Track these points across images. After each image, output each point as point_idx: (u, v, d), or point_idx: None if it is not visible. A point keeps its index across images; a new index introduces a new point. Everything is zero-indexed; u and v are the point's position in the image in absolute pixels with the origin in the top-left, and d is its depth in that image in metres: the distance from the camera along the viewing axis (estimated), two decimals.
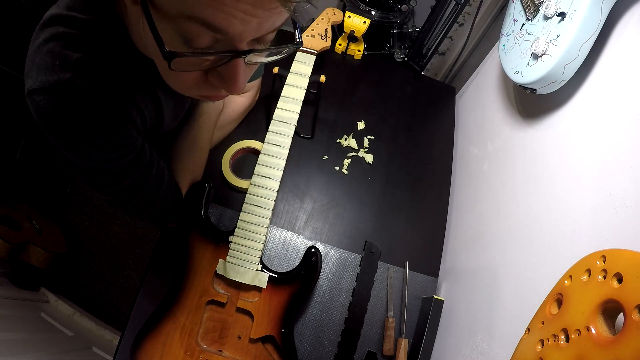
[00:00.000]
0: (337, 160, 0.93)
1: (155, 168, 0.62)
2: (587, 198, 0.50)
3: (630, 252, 0.34)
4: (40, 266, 1.51)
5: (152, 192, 0.63)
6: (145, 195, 0.62)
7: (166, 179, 0.65)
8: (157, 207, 0.65)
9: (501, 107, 0.83)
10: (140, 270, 1.75)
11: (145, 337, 0.67)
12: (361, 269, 0.79)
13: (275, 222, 0.84)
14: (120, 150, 0.53)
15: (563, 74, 0.55)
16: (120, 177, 0.56)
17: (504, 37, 0.72)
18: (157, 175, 0.62)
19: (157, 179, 0.63)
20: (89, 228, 1.82)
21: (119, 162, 0.54)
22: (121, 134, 0.52)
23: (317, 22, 0.92)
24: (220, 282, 0.70)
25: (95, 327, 1.56)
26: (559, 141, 0.60)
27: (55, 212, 1.80)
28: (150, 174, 0.61)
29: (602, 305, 0.35)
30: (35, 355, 1.09)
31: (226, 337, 0.69)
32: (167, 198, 0.67)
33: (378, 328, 0.78)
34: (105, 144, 0.50)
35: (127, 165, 0.55)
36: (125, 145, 0.53)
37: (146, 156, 0.59)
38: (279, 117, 0.75)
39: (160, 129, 0.64)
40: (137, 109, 0.54)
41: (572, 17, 0.52)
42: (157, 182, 0.63)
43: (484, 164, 0.85)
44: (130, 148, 0.54)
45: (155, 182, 0.62)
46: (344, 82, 1.07)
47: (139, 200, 0.62)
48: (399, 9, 1.71)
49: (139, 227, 1.84)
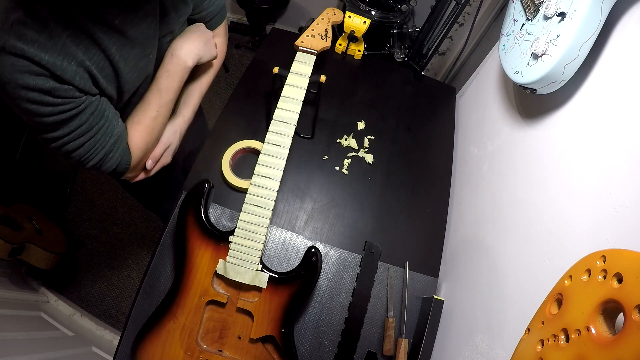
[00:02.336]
0: (337, 160, 0.93)
1: (103, 125, 0.62)
2: (587, 198, 0.50)
3: (630, 252, 0.34)
4: (40, 266, 1.51)
5: (98, 146, 0.63)
6: (89, 149, 0.62)
7: (115, 134, 0.64)
8: (100, 158, 0.65)
9: (501, 107, 0.83)
10: (140, 270, 1.75)
11: (145, 337, 0.67)
12: (361, 269, 0.79)
13: (276, 222, 0.84)
14: (58, 106, 0.55)
15: (563, 74, 0.55)
16: (62, 130, 0.58)
17: (504, 37, 0.72)
18: (106, 131, 0.63)
19: (106, 135, 0.63)
20: (89, 228, 1.82)
21: (57, 117, 0.56)
22: (56, 94, 0.54)
23: (317, 22, 0.92)
24: (221, 282, 0.70)
25: (95, 327, 1.56)
26: (559, 141, 0.60)
27: (55, 212, 1.80)
28: (99, 130, 0.62)
29: (602, 305, 0.35)
30: (35, 355, 1.09)
31: (226, 337, 0.69)
32: (111, 152, 0.66)
33: (378, 328, 0.78)
34: (41, 102, 0.53)
35: (66, 120, 0.57)
36: (64, 103, 0.55)
37: (94, 112, 0.60)
38: (279, 117, 0.75)
39: (121, 84, 0.63)
40: (79, 67, 0.55)
41: (572, 17, 0.52)
42: (105, 139, 0.63)
43: (484, 164, 0.85)
44: (70, 106, 0.56)
45: (104, 139, 0.63)
46: (344, 82, 1.07)
47: (82, 153, 0.62)
48: (399, 9, 1.72)
49: (139, 227, 1.84)
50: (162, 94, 0.70)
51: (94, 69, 0.57)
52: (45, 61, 0.51)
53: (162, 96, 0.70)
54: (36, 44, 0.50)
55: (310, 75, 0.80)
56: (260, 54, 1.10)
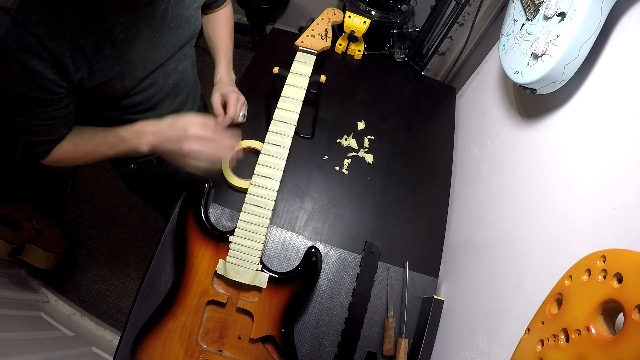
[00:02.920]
0: (337, 160, 0.93)
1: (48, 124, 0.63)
2: (587, 198, 0.50)
3: (630, 252, 0.34)
4: (40, 266, 1.51)
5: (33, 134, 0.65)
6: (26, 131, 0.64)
7: (57, 127, 0.65)
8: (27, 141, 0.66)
9: (501, 107, 0.83)
10: (140, 270, 1.75)
11: (145, 337, 0.67)
12: (361, 269, 0.79)
13: (276, 222, 0.84)
14: (26, 88, 0.56)
15: (563, 74, 0.55)
16: (11, 110, 0.60)
17: (504, 37, 0.72)
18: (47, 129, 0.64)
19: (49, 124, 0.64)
20: (89, 228, 1.82)
21: (19, 99, 0.58)
22: (31, 76, 0.55)
23: (317, 22, 0.92)
24: (221, 282, 0.70)
25: (95, 327, 1.56)
26: (559, 141, 0.60)
27: (55, 212, 1.80)
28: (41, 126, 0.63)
29: (602, 305, 0.35)
30: (35, 355, 1.09)
31: (226, 337, 0.69)
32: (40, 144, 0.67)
33: (378, 328, 0.78)
34: (15, 77, 0.55)
35: (23, 104, 0.59)
36: (31, 90, 0.57)
37: (46, 111, 0.61)
38: (279, 117, 0.75)
39: (122, 66, 0.64)
40: (73, 44, 0.55)
41: (572, 17, 0.52)
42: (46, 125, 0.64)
43: (484, 164, 0.85)
44: (35, 94, 0.57)
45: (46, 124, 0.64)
46: (344, 82, 1.07)
47: (18, 131, 0.64)
48: (399, 9, 1.72)
49: (139, 227, 1.84)
50: (107, 145, 0.69)
51: (89, 48, 0.58)
52: (42, 33, 0.52)
53: (105, 145, 0.69)
54: (39, 10, 0.51)
55: (310, 75, 0.80)
56: (260, 54, 1.10)
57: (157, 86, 0.75)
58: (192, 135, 0.63)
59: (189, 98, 0.89)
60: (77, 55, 0.57)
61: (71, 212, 1.85)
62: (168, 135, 0.64)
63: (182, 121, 0.64)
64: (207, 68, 2.28)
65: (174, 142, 0.63)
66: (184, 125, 0.63)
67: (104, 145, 0.69)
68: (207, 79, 0.92)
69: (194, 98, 0.93)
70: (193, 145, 0.63)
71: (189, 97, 0.89)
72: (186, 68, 0.82)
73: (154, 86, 0.74)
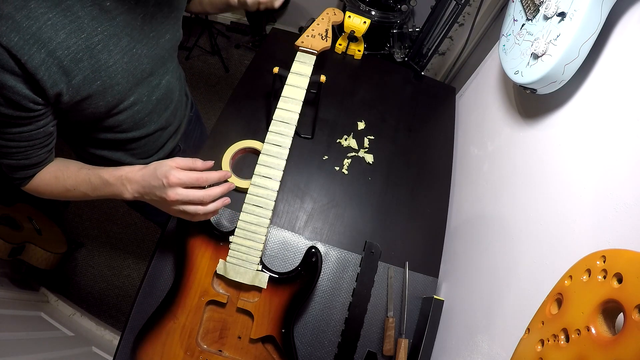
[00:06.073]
0: (337, 160, 0.93)
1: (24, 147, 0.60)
2: (587, 198, 0.50)
3: (630, 252, 0.34)
4: (40, 266, 1.51)
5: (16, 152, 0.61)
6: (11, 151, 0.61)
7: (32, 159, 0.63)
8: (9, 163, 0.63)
9: (501, 107, 0.83)
10: (140, 270, 1.75)
11: (145, 337, 0.67)
12: (361, 269, 0.79)
13: (276, 222, 0.84)
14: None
15: (563, 74, 0.55)
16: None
17: (504, 37, 0.72)
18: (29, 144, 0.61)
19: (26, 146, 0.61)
20: (89, 228, 1.82)
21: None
22: (2, 92, 0.51)
23: (317, 22, 0.92)
24: (221, 282, 0.70)
25: (95, 327, 1.56)
26: (559, 141, 0.60)
27: (55, 212, 1.80)
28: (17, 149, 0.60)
29: (602, 305, 0.35)
30: (35, 355, 1.09)
31: (226, 337, 0.69)
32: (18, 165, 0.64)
33: (378, 328, 0.78)
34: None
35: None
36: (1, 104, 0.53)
37: (21, 132, 0.58)
38: (279, 117, 0.75)
39: (103, 78, 0.61)
40: (48, 57, 0.52)
41: (572, 17, 0.52)
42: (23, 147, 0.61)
43: (484, 164, 0.85)
44: (7, 112, 0.54)
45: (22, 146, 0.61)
46: (344, 82, 1.07)
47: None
48: (399, 9, 1.72)
49: (138, 227, 1.84)
50: (90, 186, 0.66)
51: (67, 60, 0.54)
52: (12, 44, 0.48)
53: (87, 186, 0.66)
54: (10, 21, 0.48)
55: (311, 76, 0.80)
56: (260, 54, 1.10)
57: (142, 103, 0.72)
58: (175, 181, 0.58)
59: (177, 114, 0.87)
60: (53, 69, 0.53)
61: (71, 212, 1.85)
62: (151, 183, 0.60)
63: (164, 166, 0.60)
64: (207, 68, 2.29)
65: (157, 190, 0.60)
66: (166, 170, 0.59)
67: (86, 185, 0.65)
68: (207, 79, 0.91)
69: (183, 112, 0.90)
70: (178, 192, 0.59)
71: (177, 112, 0.87)
72: (170, 84, 0.79)
73: (138, 103, 0.72)
